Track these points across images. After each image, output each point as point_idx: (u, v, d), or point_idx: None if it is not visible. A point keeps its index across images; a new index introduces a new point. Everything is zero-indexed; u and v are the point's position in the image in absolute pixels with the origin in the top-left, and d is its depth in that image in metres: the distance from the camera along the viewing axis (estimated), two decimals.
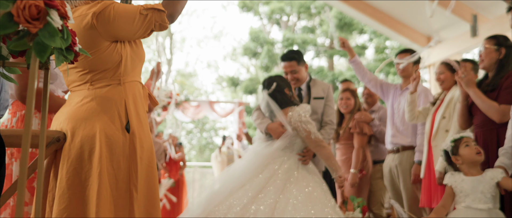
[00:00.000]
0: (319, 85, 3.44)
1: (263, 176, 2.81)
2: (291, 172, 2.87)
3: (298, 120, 2.92)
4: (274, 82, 3.06)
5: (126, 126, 1.69)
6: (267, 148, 2.98)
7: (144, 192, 1.72)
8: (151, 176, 1.75)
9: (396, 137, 3.64)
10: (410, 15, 9.11)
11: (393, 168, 3.63)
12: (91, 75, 1.72)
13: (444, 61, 3.32)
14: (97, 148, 1.63)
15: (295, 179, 2.85)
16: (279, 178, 2.80)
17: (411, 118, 3.42)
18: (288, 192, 2.75)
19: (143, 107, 1.80)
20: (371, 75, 3.85)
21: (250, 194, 2.72)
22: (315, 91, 3.40)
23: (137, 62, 1.82)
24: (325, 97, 3.39)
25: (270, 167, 2.87)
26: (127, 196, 1.66)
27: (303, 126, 2.92)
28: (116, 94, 1.71)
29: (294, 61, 3.37)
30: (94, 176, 1.61)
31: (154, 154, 1.80)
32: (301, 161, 2.97)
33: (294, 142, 2.98)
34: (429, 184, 3.19)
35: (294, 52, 3.43)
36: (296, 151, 3.00)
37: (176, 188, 7.09)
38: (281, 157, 2.94)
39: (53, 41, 1.00)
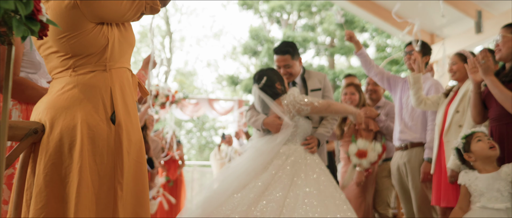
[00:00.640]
0: (315, 76, 3.29)
1: (268, 174, 2.65)
2: (299, 166, 2.72)
3: (294, 101, 2.84)
4: (265, 76, 2.95)
5: (111, 116, 1.52)
6: (268, 143, 2.83)
7: (131, 190, 1.54)
8: (140, 172, 1.58)
9: (404, 133, 3.46)
10: (412, 12, 8.96)
11: (402, 166, 3.46)
12: (73, 60, 1.55)
13: (458, 52, 3.15)
14: (78, 140, 1.46)
15: (304, 173, 2.69)
16: (286, 174, 2.65)
17: (417, 102, 3.23)
18: (297, 188, 2.59)
19: (132, 96, 1.62)
20: (378, 68, 3.67)
21: (253, 194, 2.55)
22: (311, 83, 3.25)
23: (126, 46, 1.64)
24: (323, 88, 3.24)
25: (275, 163, 2.72)
26: (111, 195, 1.49)
27: (301, 103, 2.85)
28: (101, 81, 1.54)
29: (288, 55, 3.17)
30: (74, 172, 1.44)
31: (144, 148, 1.62)
32: (308, 150, 2.86)
33: (295, 133, 2.85)
34: (440, 182, 3.01)
35: (288, 45, 3.23)
36: (300, 141, 2.87)
37: (175, 187, 6.91)
38: (285, 151, 2.79)
39: (4, 2, 0.83)
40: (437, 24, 9.07)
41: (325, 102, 2.89)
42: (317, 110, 2.86)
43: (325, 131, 3.08)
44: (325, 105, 2.87)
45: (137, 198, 1.56)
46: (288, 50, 3.18)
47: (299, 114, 2.84)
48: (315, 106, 2.84)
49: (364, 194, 3.74)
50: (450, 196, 2.92)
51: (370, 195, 3.80)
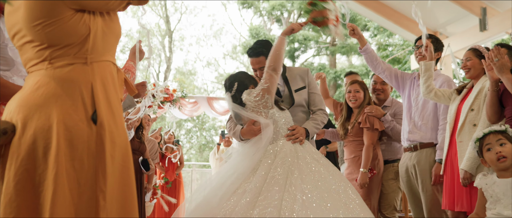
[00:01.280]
0: (296, 73, 3.04)
1: (259, 175, 2.43)
2: (290, 163, 2.49)
3: (251, 101, 2.65)
4: (236, 82, 2.72)
5: (92, 115, 1.33)
6: (253, 146, 2.61)
7: (116, 199, 1.36)
8: (126, 179, 1.39)
9: (413, 133, 3.27)
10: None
11: (411, 168, 3.26)
12: (50, 51, 1.36)
13: (472, 47, 2.96)
14: (54, 143, 1.28)
15: (298, 170, 2.48)
16: (278, 173, 2.43)
17: (427, 91, 3.04)
18: (293, 188, 2.38)
19: (116, 93, 1.43)
20: (384, 64, 3.47)
21: (249, 198, 2.35)
22: (293, 82, 3.01)
23: (111, 38, 1.46)
24: (307, 85, 3.03)
25: (264, 163, 2.50)
26: (92, 204, 1.31)
27: (257, 98, 2.64)
28: (80, 76, 1.35)
29: (262, 56, 2.89)
30: (49, 179, 1.26)
31: (130, 151, 1.44)
32: (293, 141, 2.63)
33: (276, 129, 2.64)
34: (452, 185, 2.83)
35: (262, 45, 2.95)
36: (283, 135, 2.66)
37: (173, 188, 6.74)
38: (273, 148, 2.59)
39: None
40: (440, 22, 8.91)
41: (267, 75, 2.65)
42: (270, 89, 2.64)
43: (313, 124, 2.88)
44: (268, 77, 2.65)
45: (123, 208, 1.38)
46: (262, 51, 2.90)
47: (267, 107, 2.64)
48: (266, 88, 2.63)
49: (369, 196, 3.56)
50: (463, 200, 2.74)
51: (375, 198, 3.61)
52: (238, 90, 2.69)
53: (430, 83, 3.04)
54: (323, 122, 2.94)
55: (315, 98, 3.03)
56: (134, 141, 4.41)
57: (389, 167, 3.71)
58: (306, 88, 3.01)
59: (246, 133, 2.71)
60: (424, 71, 3.05)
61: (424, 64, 3.06)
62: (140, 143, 4.50)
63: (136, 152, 4.44)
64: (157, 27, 22.66)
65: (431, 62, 3.05)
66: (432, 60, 3.06)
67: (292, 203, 2.28)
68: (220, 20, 27.96)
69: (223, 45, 28.02)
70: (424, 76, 3.05)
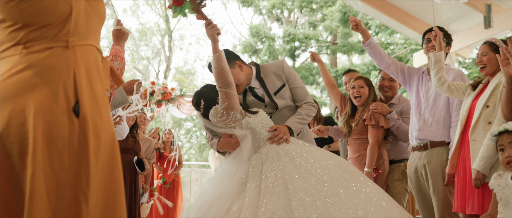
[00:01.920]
0: (271, 71, 2.78)
1: (250, 189, 2.23)
2: (282, 169, 2.31)
3: (216, 116, 2.48)
4: (202, 99, 2.56)
5: (74, 107, 1.17)
6: (235, 160, 2.44)
7: (101, 204, 1.19)
8: (113, 181, 1.23)
9: (423, 131, 3.09)
10: (418, 7, 8.66)
11: (420, 168, 3.09)
12: (25, 33, 1.19)
13: (488, 40, 2.79)
14: (31, 139, 1.12)
15: (296, 173, 2.31)
16: (271, 180, 2.22)
17: (439, 83, 2.86)
18: (297, 192, 2.20)
19: (102, 83, 1.26)
20: (389, 58, 3.29)
21: (246, 215, 2.16)
22: (270, 84, 2.75)
23: (95, 19, 1.29)
24: (285, 81, 2.78)
25: (252, 174, 2.32)
26: (73, 210, 1.15)
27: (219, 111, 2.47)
28: (61, 62, 1.18)
29: None
30: (26, 180, 1.10)
31: (117, 149, 1.27)
32: (276, 143, 2.45)
33: (256, 137, 2.47)
34: (464, 186, 2.67)
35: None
36: (265, 139, 2.49)
37: (171, 189, 6.58)
38: (256, 158, 2.41)
39: None
40: (444, 19, 8.76)
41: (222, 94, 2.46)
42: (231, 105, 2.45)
43: (297, 120, 2.67)
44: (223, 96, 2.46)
45: (108, 214, 1.22)
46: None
47: (238, 120, 2.47)
48: (226, 106, 2.45)
49: None
50: (474, 202, 2.58)
51: None
52: (206, 107, 2.54)
53: (442, 75, 2.87)
54: (309, 115, 2.73)
55: (297, 92, 2.79)
56: (129, 140, 4.25)
57: (395, 167, 3.54)
58: (285, 85, 2.77)
59: (224, 146, 2.56)
60: (434, 62, 2.88)
61: (433, 55, 2.89)
62: (135, 143, 4.34)
63: (131, 152, 4.28)
64: (156, 26, 22.55)
65: (441, 52, 2.89)
66: (441, 50, 2.89)
67: (303, 209, 2.11)
68: (220, 20, 27.81)
69: (223, 45, 27.87)
70: (435, 68, 2.88)
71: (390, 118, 3.48)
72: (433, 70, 2.91)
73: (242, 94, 2.82)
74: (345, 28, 14.95)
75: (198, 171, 10.33)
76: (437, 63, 2.88)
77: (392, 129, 3.52)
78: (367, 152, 3.41)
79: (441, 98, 3.08)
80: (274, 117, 2.75)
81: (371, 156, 3.37)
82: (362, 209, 2.17)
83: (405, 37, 13.34)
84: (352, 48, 15.65)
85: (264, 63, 2.86)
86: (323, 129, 3.77)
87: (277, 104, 2.74)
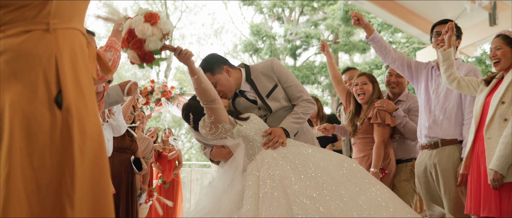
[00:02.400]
0: (260, 72, 2.62)
1: (247, 197, 2.11)
2: (282, 173, 2.18)
3: (209, 133, 2.38)
4: (190, 112, 2.47)
5: (56, 98, 1.03)
6: (229, 169, 2.32)
7: (87, 206, 1.06)
8: (100, 180, 1.10)
9: (434, 129, 2.94)
10: (422, 4, 8.53)
11: (430, 168, 2.95)
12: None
13: (502, 33, 2.65)
14: (6, 134, 0.98)
15: (295, 175, 2.20)
16: (269, 186, 2.10)
17: (449, 80, 2.73)
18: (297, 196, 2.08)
19: (87, 71, 1.12)
20: (396, 53, 3.13)
21: None
22: (261, 86, 2.60)
23: (79, 1, 1.16)
24: (277, 81, 2.61)
25: (248, 182, 2.19)
26: (57, 213, 1.02)
27: (207, 125, 2.36)
28: (40, 46, 1.04)
29: (207, 73, 2.51)
30: (0, 180, 0.97)
31: (104, 145, 1.13)
32: (272, 148, 2.33)
33: (249, 144, 2.36)
34: (478, 186, 2.53)
35: (204, 62, 2.59)
36: (259, 145, 2.38)
37: (171, 189, 6.46)
38: (251, 166, 2.29)
39: None
40: (448, 16, 8.62)
41: (207, 110, 2.35)
42: (219, 118, 2.33)
43: (292, 119, 2.53)
44: (208, 111, 2.35)
45: (96, 216, 1.08)
46: (204, 67, 2.53)
47: (228, 131, 2.35)
48: (213, 121, 2.34)
49: None
50: (491, 204, 2.44)
51: None
52: (195, 120, 2.44)
53: (452, 72, 2.73)
54: (306, 113, 2.58)
55: (291, 91, 2.63)
56: (125, 139, 4.12)
57: (402, 167, 3.39)
58: (278, 85, 2.61)
59: (216, 156, 2.47)
60: (443, 60, 2.74)
61: (441, 53, 2.75)
62: (132, 142, 4.21)
63: (127, 151, 4.15)
64: None
65: (450, 49, 2.74)
66: (450, 47, 2.75)
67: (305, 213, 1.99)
68: (221, 19, 27.67)
69: (224, 44, 27.76)
70: (444, 65, 2.74)
71: (396, 115, 3.33)
72: (442, 67, 2.77)
73: (231, 100, 2.69)
74: (346, 27, 14.80)
75: (199, 171, 10.21)
76: (446, 61, 2.75)
77: (399, 127, 3.37)
78: (373, 151, 3.26)
79: (452, 94, 2.94)
80: (270, 118, 2.61)
81: (377, 156, 3.22)
82: (367, 210, 2.05)
83: (408, 36, 13.20)
84: (354, 47, 15.51)
85: (253, 64, 2.72)
86: (329, 127, 3.62)
87: (270, 107, 2.59)
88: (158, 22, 1.97)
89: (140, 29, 1.91)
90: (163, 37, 1.99)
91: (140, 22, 1.94)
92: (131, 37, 1.94)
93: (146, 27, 1.92)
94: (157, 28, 1.96)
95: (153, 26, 1.95)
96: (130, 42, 1.94)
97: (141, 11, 2.00)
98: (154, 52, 1.97)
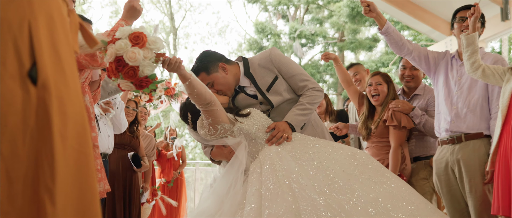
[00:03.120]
0: (260, 65, 2.43)
1: (250, 194, 1.95)
2: (285, 159, 2.04)
3: (208, 134, 2.23)
4: (188, 112, 2.32)
5: (30, 71, 0.85)
6: (231, 169, 2.16)
7: (71, 202, 0.88)
8: (88, 171, 0.92)
9: (457, 123, 2.72)
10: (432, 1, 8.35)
11: (452, 164, 2.73)
12: None
13: None
14: None
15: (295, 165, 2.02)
16: (272, 182, 1.93)
17: (473, 68, 2.51)
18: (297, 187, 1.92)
19: (68, 42, 0.94)
20: (411, 44, 2.89)
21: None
22: (261, 79, 2.42)
23: None
24: (277, 73, 2.42)
25: (253, 176, 2.03)
26: (33, 211, 0.84)
27: (206, 127, 2.21)
28: (9, 10, 0.85)
29: (202, 73, 2.38)
30: None
31: (88, 129, 0.95)
32: (276, 144, 2.17)
33: (251, 142, 2.19)
34: (507, 185, 2.32)
35: (198, 61, 2.43)
36: (263, 142, 2.21)
37: (175, 188, 6.28)
38: (254, 165, 2.12)
39: None
40: None
41: (203, 113, 2.20)
42: (217, 119, 2.17)
43: (298, 111, 2.33)
44: (205, 114, 2.19)
45: (82, 213, 0.90)
46: (199, 67, 2.40)
47: (228, 130, 2.20)
48: (211, 122, 2.18)
49: None
50: None
51: None
52: (193, 120, 2.29)
53: (477, 59, 2.51)
54: (312, 103, 2.37)
55: (295, 81, 2.43)
56: (125, 135, 3.94)
57: (421, 165, 3.17)
58: (278, 77, 2.42)
59: (217, 155, 2.33)
60: (466, 45, 2.52)
61: (465, 37, 2.53)
62: (132, 138, 4.02)
63: (127, 147, 3.95)
64: (161, 25, 22.35)
65: (474, 34, 2.53)
66: (475, 31, 2.54)
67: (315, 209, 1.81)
68: (225, 18, 27.57)
69: (228, 43, 27.65)
70: (468, 51, 2.52)
71: (414, 115, 3.09)
72: (465, 54, 2.55)
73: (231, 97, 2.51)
74: (352, 24, 14.60)
75: (203, 170, 10.06)
76: (469, 46, 2.53)
77: (419, 127, 3.13)
78: (390, 156, 3.04)
79: (477, 85, 2.73)
80: (273, 113, 2.43)
81: (395, 161, 3.00)
82: (383, 204, 1.86)
83: (415, 33, 12.96)
84: (360, 45, 15.29)
85: (252, 56, 2.53)
86: (342, 126, 3.39)
87: (271, 102, 2.40)
88: (147, 42, 1.76)
89: (130, 56, 1.71)
90: (157, 58, 1.80)
91: (127, 48, 1.72)
92: (121, 66, 1.73)
93: (136, 53, 1.71)
94: (148, 49, 1.77)
95: (143, 49, 1.74)
96: (121, 71, 1.74)
97: (123, 33, 1.78)
98: (151, 77, 1.79)
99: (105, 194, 1.94)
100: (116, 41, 1.74)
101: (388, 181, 2.02)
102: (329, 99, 4.50)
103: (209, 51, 2.49)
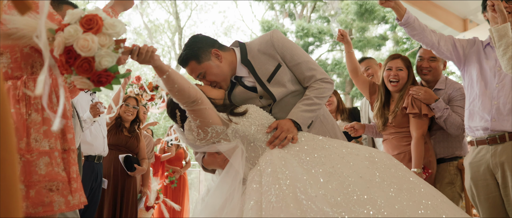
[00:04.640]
0: (259, 50, 2.08)
1: (247, 209, 1.64)
2: (290, 164, 1.72)
3: (196, 138, 1.87)
4: (176, 109, 1.95)
5: None
6: (227, 178, 1.83)
7: None
8: (7, 163, 0.66)
9: (499, 120, 2.39)
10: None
11: (494, 167, 2.39)
12: None
13: None
14: None
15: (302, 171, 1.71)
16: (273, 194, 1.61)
17: (510, 65, 2.17)
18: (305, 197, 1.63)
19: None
20: (435, 34, 2.57)
21: None
22: (261, 67, 2.06)
23: None
24: (281, 61, 2.06)
25: (251, 187, 1.71)
26: None
27: (194, 130, 1.86)
28: None
29: (192, 62, 2.04)
30: None
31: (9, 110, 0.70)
32: (279, 146, 1.84)
33: (249, 145, 1.85)
34: None
35: (187, 48, 2.07)
36: (263, 146, 1.87)
37: (177, 189, 6.06)
38: (252, 172, 1.79)
39: None
40: (471, 8, 8.13)
41: (190, 114, 1.87)
42: (206, 120, 1.83)
43: (304, 107, 2.00)
44: (191, 115, 1.86)
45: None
46: (189, 55, 2.04)
47: (221, 133, 1.85)
48: (199, 125, 1.84)
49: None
50: None
51: None
52: (183, 119, 1.93)
53: None
54: (321, 97, 2.03)
55: (300, 69, 2.07)
56: (122, 135, 3.64)
57: (445, 167, 2.85)
58: (281, 65, 2.06)
59: (210, 164, 1.97)
60: (498, 38, 2.19)
61: (495, 29, 2.19)
62: (130, 138, 3.72)
63: (122, 149, 3.62)
64: (167, 24, 22.23)
65: (506, 24, 2.19)
66: (506, 21, 2.20)
67: None
68: (231, 17, 27.37)
69: None
70: (501, 46, 2.18)
71: (436, 108, 2.77)
72: (499, 49, 2.20)
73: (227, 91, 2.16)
74: (361, 22, 14.30)
75: None
76: (502, 39, 2.18)
77: (439, 121, 2.81)
78: (412, 148, 2.73)
79: None
80: (275, 108, 2.08)
81: (418, 153, 2.69)
82: (410, 215, 1.57)
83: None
84: (369, 43, 14.99)
85: (250, 41, 2.15)
86: (358, 126, 3.07)
87: (273, 95, 2.05)
88: (103, 26, 1.37)
89: (82, 45, 1.33)
90: (117, 45, 1.40)
91: (78, 35, 1.35)
92: (72, 58, 1.34)
93: (89, 40, 1.33)
94: (105, 35, 1.37)
95: (98, 35, 1.36)
96: (73, 65, 1.35)
97: (73, 17, 1.39)
98: (111, 69, 1.39)
99: (82, 206, 1.69)
100: (65, 27, 1.37)
101: (416, 188, 1.72)
102: (339, 96, 4.19)
103: (200, 36, 2.11)
